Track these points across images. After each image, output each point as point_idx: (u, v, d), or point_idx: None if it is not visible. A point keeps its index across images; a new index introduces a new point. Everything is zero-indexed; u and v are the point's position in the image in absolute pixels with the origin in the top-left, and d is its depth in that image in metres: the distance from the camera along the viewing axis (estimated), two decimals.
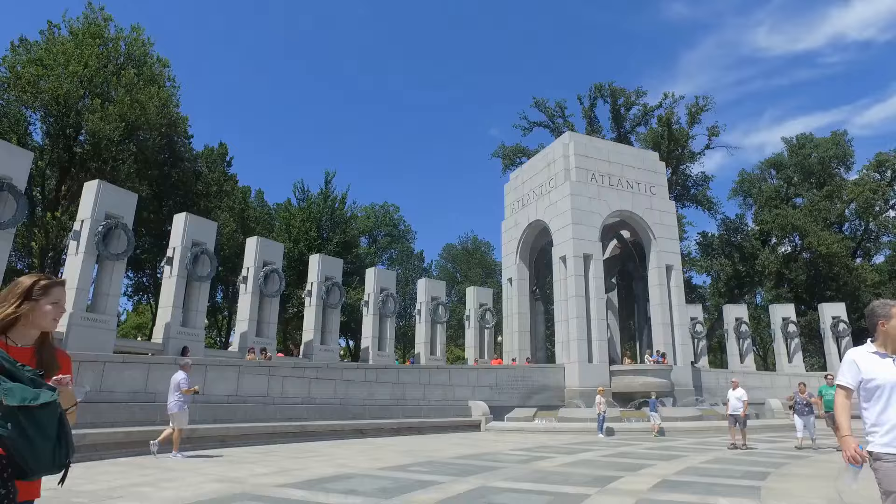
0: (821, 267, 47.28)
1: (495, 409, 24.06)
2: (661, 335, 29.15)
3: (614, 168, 30.99)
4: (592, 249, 28.62)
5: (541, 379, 26.40)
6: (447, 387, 23.07)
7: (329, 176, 41.96)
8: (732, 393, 16.55)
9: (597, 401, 20.21)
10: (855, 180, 53.90)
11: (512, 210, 34.81)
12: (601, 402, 19.97)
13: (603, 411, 19.79)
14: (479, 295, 31.73)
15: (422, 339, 28.79)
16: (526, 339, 32.06)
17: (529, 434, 20.74)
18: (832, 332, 36.80)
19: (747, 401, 16.41)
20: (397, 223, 59.71)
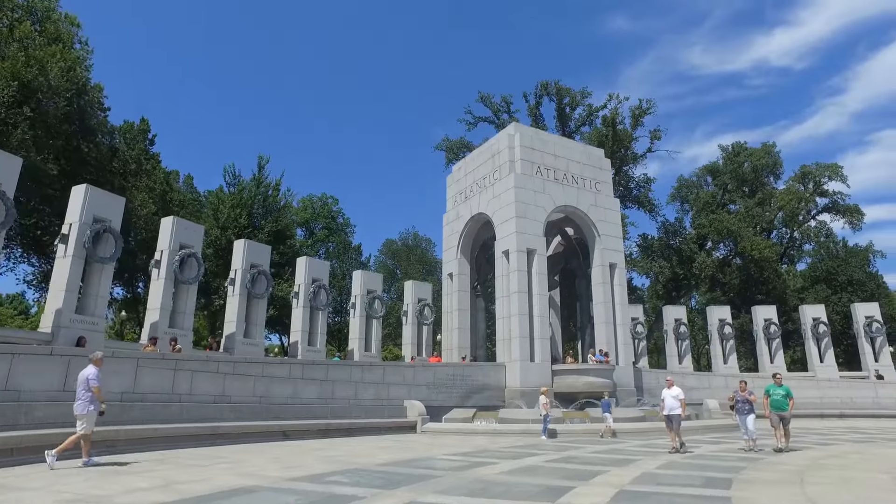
0: (752, 271, 48.52)
1: (432, 409, 22.56)
2: (604, 334, 28.47)
3: (560, 162, 30.14)
4: (536, 244, 27.60)
5: (481, 378, 25.10)
6: (381, 385, 21.37)
7: (263, 161, 39.36)
8: (668, 392, 15.32)
9: (541, 402, 19.06)
10: (782, 190, 55.95)
11: (454, 202, 33.44)
12: (545, 402, 18.84)
13: (547, 412, 18.66)
14: (418, 289, 30.16)
15: (356, 334, 26.94)
16: (466, 336, 30.73)
17: (468, 436, 19.34)
18: (764, 333, 37.45)
19: (685, 399, 15.40)
20: (336, 215, 57.33)
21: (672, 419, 14.71)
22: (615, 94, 51.04)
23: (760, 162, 52.57)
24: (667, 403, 15.01)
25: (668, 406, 14.94)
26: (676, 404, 14.82)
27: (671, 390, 15.23)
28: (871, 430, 25.09)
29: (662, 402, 15.24)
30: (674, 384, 15.58)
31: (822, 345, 37.39)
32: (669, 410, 14.85)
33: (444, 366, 24.13)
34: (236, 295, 22.33)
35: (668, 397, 15.12)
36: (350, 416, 19.50)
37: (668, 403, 14.97)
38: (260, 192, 37.31)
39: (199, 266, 22.63)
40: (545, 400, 18.94)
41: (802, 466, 11.74)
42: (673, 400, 14.96)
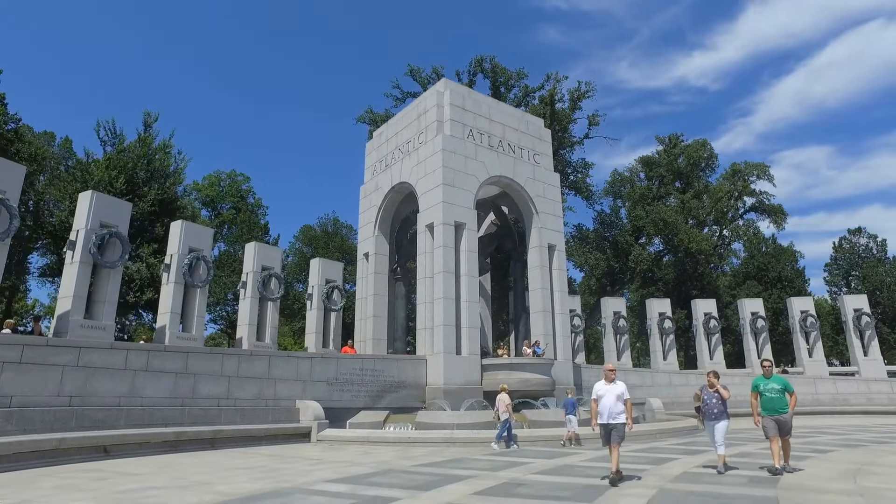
0: (688, 266, 46.85)
1: (335, 411, 18.03)
2: (542, 324, 24.81)
3: (495, 128, 26.31)
4: (466, 217, 23.58)
5: (396, 373, 20.74)
6: (265, 381, 16.58)
7: (150, 118, 33.13)
8: (606, 388, 9.70)
9: (501, 402, 15.28)
10: (714, 187, 55.10)
11: (373, 172, 28.92)
12: (508, 403, 15.13)
13: (509, 416, 14.94)
14: (326, 269, 25.39)
15: (246, 319, 21.86)
16: (382, 326, 26.26)
17: (375, 447, 14.96)
18: (704, 328, 35.25)
19: (630, 399, 9.92)
20: (245, 194, 51.19)
21: (614, 430, 9.42)
22: (554, 72, 48.09)
23: (696, 154, 51.26)
24: (604, 404, 9.55)
25: (608, 409, 9.49)
26: (620, 408, 9.54)
27: (612, 386, 9.73)
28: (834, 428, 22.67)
29: (595, 403, 9.75)
30: (615, 377, 9.98)
31: (760, 340, 35.61)
32: (610, 417, 9.46)
33: (349, 358, 19.57)
34: (75, 262, 16.92)
35: (607, 395, 9.63)
36: (218, 421, 14.65)
37: (608, 405, 9.53)
38: (145, 154, 31.23)
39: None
40: (507, 400, 15.15)
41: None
42: (614, 401, 9.56)
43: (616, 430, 9.44)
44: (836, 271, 50.04)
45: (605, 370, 10.13)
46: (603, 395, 9.68)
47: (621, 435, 9.47)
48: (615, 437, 9.40)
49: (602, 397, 9.67)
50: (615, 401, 9.58)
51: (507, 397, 15.29)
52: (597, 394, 9.79)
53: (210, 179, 51.62)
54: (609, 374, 9.99)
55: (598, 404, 9.65)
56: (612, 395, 9.62)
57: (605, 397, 9.64)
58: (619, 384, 9.83)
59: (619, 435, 9.43)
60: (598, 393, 9.76)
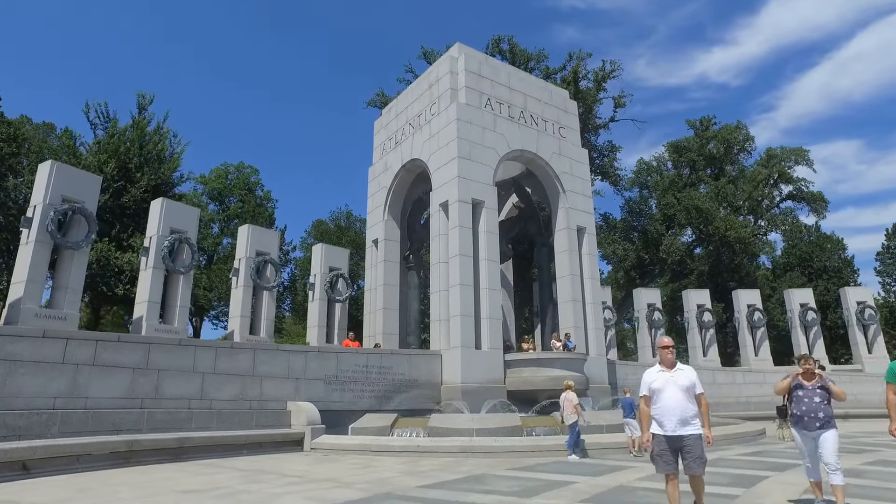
0: (724, 256, 43.49)
1: (334, 415, 15.51)
2: (571, 316, 21.99)
3: (516, 97, 23.58)
4: (485, 195, 20.88)
5: (406, 371, 18.12)
6: (249, 379, 14.07)
7: (144, 100, 31.05)
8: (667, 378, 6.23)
9: (567, 401, 12.64)
10: (751, 171, 51.59)
11: (382, 151, 26.37)
12: (576, 403, 12.53)
13: (578, 418, 12.40)
14: (330, 255, 22.89)
15: (238, 310, 19.45)
16: (393, 319, 23.64)
17: (377, 457, 12.35)
18: (748, 321, 32.04)
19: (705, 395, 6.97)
20: (253, 187, 49.04)
21: (686, 448, 5.85)
22: (577, 51, 45.17)
23: (731, 137, 47.78)
24: (666, 404, 6.00)
25: (673, 412, 5.93)
26: (692, 409, 5.96)
27: (676, 374, 6.09)
28: None
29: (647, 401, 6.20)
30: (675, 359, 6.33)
31: (812, 334, 32.29)
32: (678, 424, 5.88)
33: (352, 353, 16.97)
34: (30, 242, 14.65)
35: (668, 389, 6.03)
36: (188, 426, 12.15)
37: (672, 405, 5.96)
38: (137, 139, 29.10)
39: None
40: (575, 400, 12.53)
41: None
42: (682, 398, 5.97)
43: (690, 446, 5.73)
44: (888, 261, 46.18)
45: (661, 346, 6.33)
46: (661, 388, 5.98)
47: (699, 455, 5.72)
48: (691, 459, 5.75)
49: (659, 392, 5.98)
50: (683, 397, 5.89)
51: (574, 396, 12.66)
52: (650, 387, 6.12)
53: (217, 172, 49.64)
54: (666, 353, 6.22)
55: (654, 404, 6.04)
56: (675, 388, 5.93)
57: (664, 392, 5.95)
58: (686, 370, 6.11)
59: (696, 456, 5.71)
60: (653, 385, 6.08)
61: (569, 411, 12.37)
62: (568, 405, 12.49)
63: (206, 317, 45.86)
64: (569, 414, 12.36)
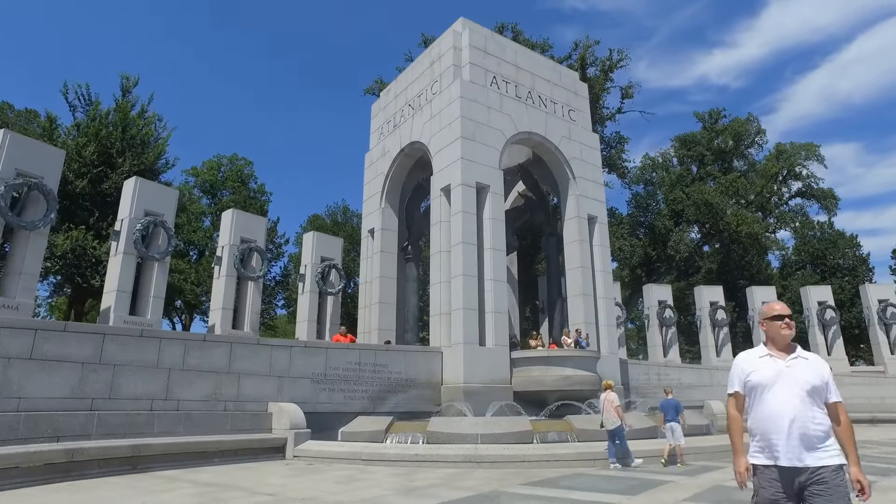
0: (734, 253, 41.89)
1: (323, 417, 13.90)
2: (582, 311, 20.37)
3: (523, 76, 21.96)
4: (490, 179, 19.26)
5: (404, 369, 16.48)
6: (225, 376, 12.43)
7: (129, 83, 29.36)
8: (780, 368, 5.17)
9: (608, 401, 11.17)
10: (762, 165, 50.00)
11: (379, 136, 24.73)
12: (617, 405, 11.08)
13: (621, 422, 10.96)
14: (322, 244, 21.25)
15: (219, 301, 17.80)
16: (390, 314, 21.98)
17: (368, 467, 10.73)
18: None
19: None
20: (247, 179, 47.34)
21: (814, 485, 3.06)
22: (584, 37, 43.39)
23: (742, 129, 46.19)
24: (775, 409, 3.22)
25: (791, 425, 3.14)
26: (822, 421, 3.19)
27: (795, 363, 3.27)
28: None
29: (739, 402, 3.44)
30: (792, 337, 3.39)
31: (830, 333, 30.72)
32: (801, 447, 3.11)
33: (343, 349, 15.31)
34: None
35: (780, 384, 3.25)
36: (149, 431, 10.49)
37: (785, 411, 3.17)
38: (121, 122, 27.40)
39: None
40: (617, 401, 11.08)
41: None
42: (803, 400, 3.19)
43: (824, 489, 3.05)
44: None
45: (770, 316, 3.45)
46: (767, 382, 3.32)
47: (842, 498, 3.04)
48: None
49: (764, 391, 3.32)
50: (807, 403, 3.21)
51: (615, 397, 11.18)
52: (747, 380, 3.41)
53: (209, 165, 47.94)
54: (781, 327, 3.39)
55: (753, 409, 3.38)
56: (793, 386, 3.27)
57: (774, 391, 3.29)
58: (813, 360, 3.33)
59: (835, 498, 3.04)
60: (754, 378, 3.38)
61: (611, 415, 10.80)
62: (609, 407, 10.92)
63: (196, 313, 44.15)
64: (610, 417, 10.78)
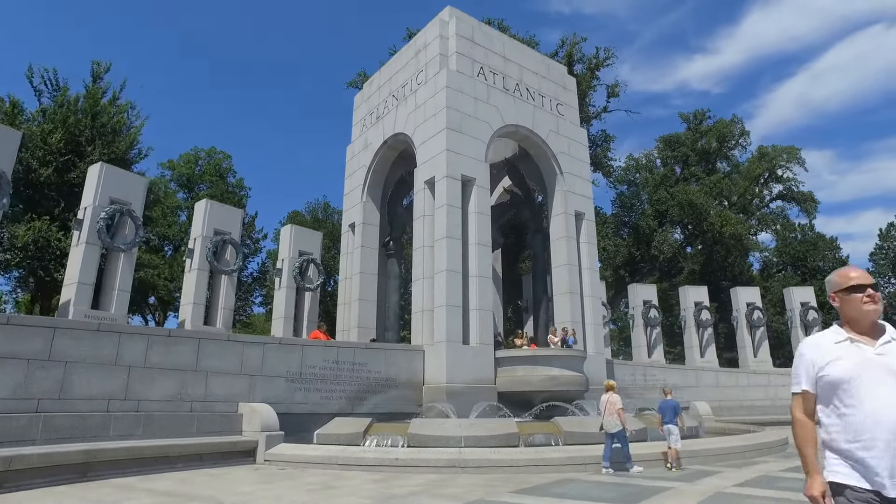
0: (717, 254, 41.85)
1: (298, 418, 13.17)
2: (568, 309, 19.85)
3: (511, 68, 21.39)
4: (476, 171, 18.63)
5: (384, 368, 15.76)
6: (192, 374, 11.61)
7: (100, 69, 28.14)
8: None
9: (610, 402, 10.68)
10: (745, 166, 50.19)
11: (362, 128, 23.97)
12: (620, 408, 10.59)
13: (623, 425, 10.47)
14: (300, 238, 20.44)
15: (190, 296, 16.91)
16: (370, 311, 21.26)
17: (344, 472, 10.03)
18: (747, 320, 30.28)
19: None
20: (225, 173, 46.14)
21: None
22: (571, 34, 43.14)
23: (726, 130, 46.25)
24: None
25: None
26: None
27: None
28: None
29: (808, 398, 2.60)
30: None
31: (813, 334, 30.58)
32: None
33: (320, 346, 14.54)
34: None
35: None
36: (104, 434, 9.65)
37: None
38: (90, 109, 26.22)
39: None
40: (619, 403, 10.57)
41: None
42: None
43: None
44: (882, 262, 45.06)
45: (847, 286, 2.59)
46: (850, 375, 2.42)
47: None
48: None
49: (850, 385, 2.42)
50: None
51: (618, 399, 10.69)
52: (822, 374, 2.50)
53: (186, 158, 46.65)
54: (864, 302, 2.52)
55: (838, 411, 2.46)
56: (891, 377, 2.37)
57: (864, 386, 2.39)
58: None
59: None
60: (832, 372, 2.48)
61: (612, 418, 10.25)
62: (610, 409, 10.38)
63: (170, 311, 42.86)
64: (612, 420, 10.24)
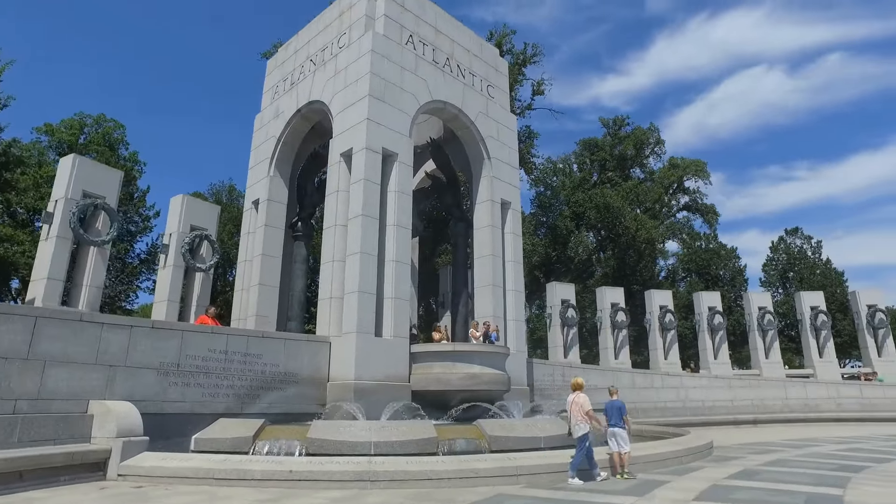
0: (629, 257, 42.53)
1: (172, 419, 10.83)
2: (490, 303, 18.49)
3: (443, 41, 19.82)
4: (399, 146, 16.84)
5: (283, 361, 13.60)
6: (20, 363, 8.98)
7: None
8: None
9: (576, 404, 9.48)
10: (659, 173, 51.70)
11: (274, 95, 21.46)
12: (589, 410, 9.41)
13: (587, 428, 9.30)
14: (193, 211, 17.70)
15: (44, 270, 13.81)
16: (271, 299, 18.82)
17: (223, 491, 7.95)
18: (660, 323, 30.54)
19: None
20: (116, 144, 41.23)
21: None
22: (501, 26, 42.28)
23: (644, 137, 47.33)
24: None
25: None
26: None
27: None
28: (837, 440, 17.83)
29: None
30: None
31: (717, 338, 31.45)
32: None
33: (206, 333, 12.15)
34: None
35: None
36: None
37: None
38: None
39: None
40: (588, 405, 9.34)
41: None
42: None
43: None
44: (772, 272, 47.90)
45: None
46: None
47: None
48: None
49: None
50: None
51: (585, 400, 9.39)
52: None
53: (69, 123, 41.30)
54: None
55: None
56: None
57: None
58: None
59: None
60: None
61: (579, 419, 8.89)
62: (577, 411, 9.00)
63: None
64: (579, 423, 8.87)
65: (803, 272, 46.73)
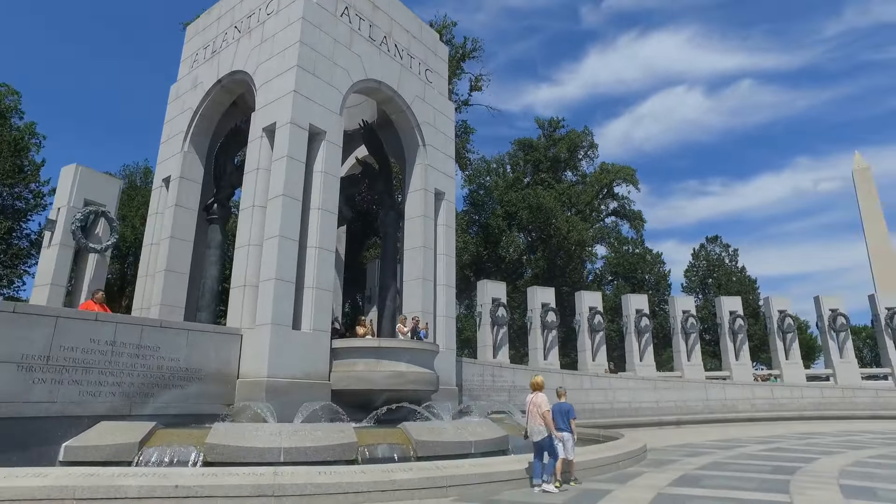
0: (559, 259, 42.72)
1: (37, 424, 9.14)
2: (419, 298, 17.44)
3: (380, 18, 18.60)
4: (328, 124, 15.49)
5: (184, 355, 11.97)
6: None
7: None
8: None
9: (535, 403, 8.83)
10: (591, 176, 52.43)
11: (192, 64, 19.48)
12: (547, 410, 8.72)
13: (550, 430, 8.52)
14: (87, 183, 15.53)
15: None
16: (180, 286, 16.91)
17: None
18: (589, 324, 30.57)
19: None
20: (8, 112, 36.94)
21: None
22: (442, 16, 41.43)
23: (578, 140, 47.79)
24: None
25: None
26: None
27: None
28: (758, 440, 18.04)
29: None
30: None
31: (643, 340, 31.87)
32: None
33: (87, 320, 10.39)
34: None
35: None
36: None
37: None
38: None
39: None
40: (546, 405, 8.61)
41: None
42: None
43: None
44: (693, 278, 49.70)
45: None
46: None
47: None
48: None
49: None
50: None
51: (544, 400, 8.63)
52: None
53: None
54: None
55: None
56: None
57: None
58: None
59: None
60: None
61: (537, 422, 7.97)
62: (535, 412, 8.08)
63: None
64: (537, 426, 7.95)
65: (721, 278, 48.80)
